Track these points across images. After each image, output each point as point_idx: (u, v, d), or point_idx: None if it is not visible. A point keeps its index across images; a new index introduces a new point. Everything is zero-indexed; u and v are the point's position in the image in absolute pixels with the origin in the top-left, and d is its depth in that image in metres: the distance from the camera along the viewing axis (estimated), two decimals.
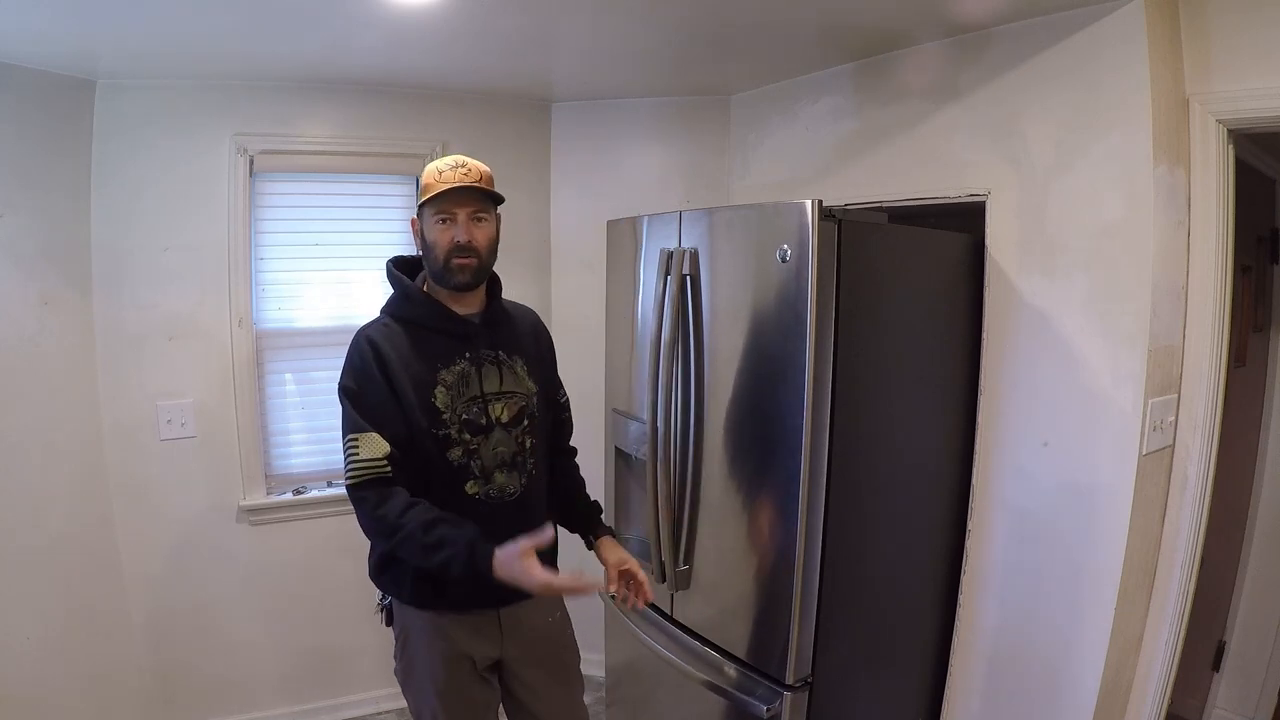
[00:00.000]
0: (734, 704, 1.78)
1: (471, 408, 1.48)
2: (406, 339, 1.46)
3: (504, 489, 1.50)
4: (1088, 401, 1.68)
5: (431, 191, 1.46)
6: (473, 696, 1.54)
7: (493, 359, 1.52)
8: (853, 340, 1.63)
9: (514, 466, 1.51)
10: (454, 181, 1.45)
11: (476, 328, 1.52)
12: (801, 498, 1.61)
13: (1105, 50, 1.62)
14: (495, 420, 1.50)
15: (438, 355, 1.47)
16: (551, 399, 1.69)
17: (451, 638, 1.51)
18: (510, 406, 1.52)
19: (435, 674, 1.51)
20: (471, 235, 1.46)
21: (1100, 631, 1.66)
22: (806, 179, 2.37)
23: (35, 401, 2.09)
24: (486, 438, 1.48)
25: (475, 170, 1.48)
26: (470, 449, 1.47)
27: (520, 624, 1.56)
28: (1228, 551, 2.41)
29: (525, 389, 1.56)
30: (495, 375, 1.52)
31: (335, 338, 2.56)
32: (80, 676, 2.18)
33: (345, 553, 2.57)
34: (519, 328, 1.62)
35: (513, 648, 1.57)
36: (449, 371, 1.47)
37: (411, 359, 1.45)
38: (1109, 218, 1.63)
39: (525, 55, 2.20)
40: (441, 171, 1.47)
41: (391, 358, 1.43)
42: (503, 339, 1.56)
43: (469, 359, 1.49)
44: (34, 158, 2.07)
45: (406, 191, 2.62)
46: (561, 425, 1.74)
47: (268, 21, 1.82)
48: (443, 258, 1.46)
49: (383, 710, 2.66)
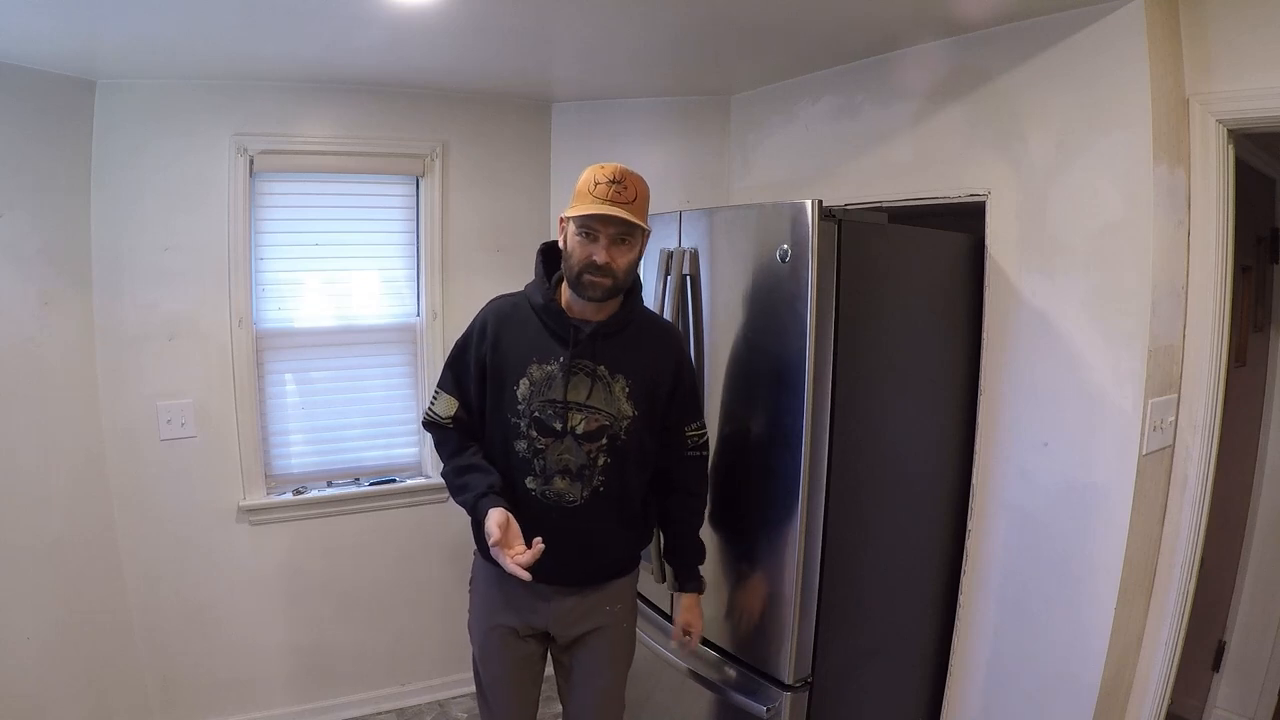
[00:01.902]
0: (734, 704, 1.78)
1: (547, 409, 1.49)
2: (524, 324, 1.52)
3: (562, 495, 1.50)
4: (1088, 401, 1.68)
5: (580, 205, 1.42)
6: (509, 657, 1.62)
7: (588, 370, 1.50)
8: (853, 340, 1.63)
9: (578, 477, 1.50)
10: (605, 199, 1.40)
11: (583, 336, 1.49)
12: (801, 497, 1.61)
13: (1105, 50, 1.62)
14: (569, 429, 1.49)
15: (536, 349, 1.50)
16: (674, 430, 1.62)
17: (500, 597, 1.58)
18: (590, 421, 1.50)
19: (482, 624, 1.63)
20: (611, 258, 1.43)
21: (1100, 631, 1.66)
22: (806, 179, 2.37)
23: (35, 401, 2.09)
24: (557, 442, 1.49)
25: (632, 189, 1.43)
26: (537, 447, 1.49)
27: (572, 606, 1.58)
28: (1228, 551, 2.41)
29: (615, 410, 1.51)
30: (585, 386, 1.50)
31: (335, 338, 2.57)
32: (80, 676, 2.18)
33: (345, 553, 2.58)
34: (641, 348, 1.55)
35: (560, 626, 1.59)
36: (539, 368, 1.49)
37: (517, 341, 1.51)
38: (1109, 217, 1.63)
39: (525, 55, 2.19)
40: (598, 184, 1.42)
41: (497, 334, 1.52)
42: (610, 353, 1.51)
43: (561, 363, 1.49)
44: (34, 158, 2.07)
45: (407, 191, 2.62)
46: (684, 462, 1.66)
47: (268, 21, 1.81)
48: (577, 270, 1.45)
49: (383, 710, 2.66)
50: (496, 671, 1.64)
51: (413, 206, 2.62)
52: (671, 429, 1.62)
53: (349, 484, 2.61)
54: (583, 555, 1.55)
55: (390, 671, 2.69)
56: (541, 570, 1.47)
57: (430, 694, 2.73)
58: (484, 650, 1.64)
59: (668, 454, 1.65)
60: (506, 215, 2.68)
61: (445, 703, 2.72)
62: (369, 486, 2.61)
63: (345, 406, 2.61)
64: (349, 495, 2.57)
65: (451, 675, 2.69)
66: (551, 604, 1.57)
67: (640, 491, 1.62)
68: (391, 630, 2.67)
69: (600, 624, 1.62)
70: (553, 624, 1.59)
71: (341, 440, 2.61)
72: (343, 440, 2.61)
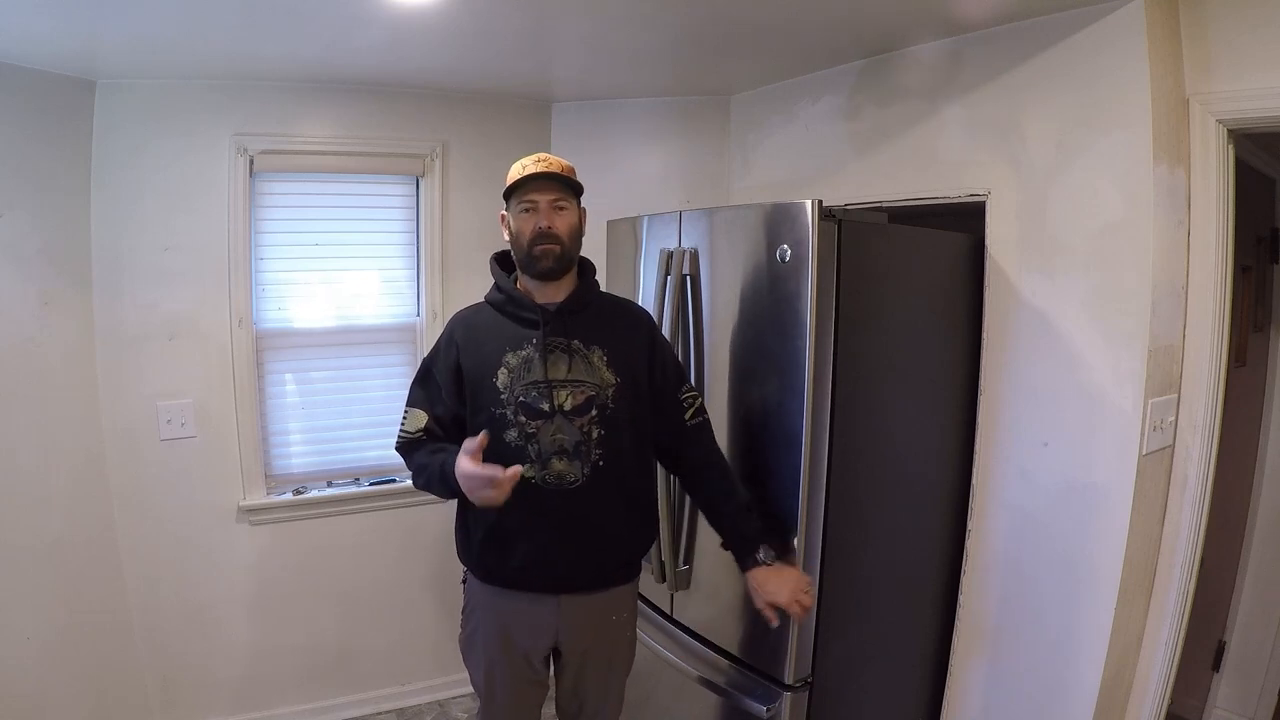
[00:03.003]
0: (733, 704, 1.78)
1: (531, 391, 1.50)
2: (487, 323, 1.57)
3: (562, 476, 1.50)
4: (1088, 401, 1.68)
5: (513, 180, 1.53)
6: (520, 686, 1.61)
7: (564, 346, 1.53)
8: (853, 340, 1.63)
9: (575, 455, 1.51)
10: (534, 170, 1.52)
11: (550, 315, 1.53)
12: (801, 497, 1.61)
13: (1105, 50, 1.62)
14: (558, 407, 1.50)
15: (507, 339, 1.54)
16: (668, 398, 1.62)
17: (509, 624, 1.56)
18: (576, 395, 1.51)
19: (490, 652, 1.60)
20: (552, 222, 1.52)
21: (1100, 631, 1.66)
22: (806, 179, 2.37)
23: (35, 401, 2.09)
24: (548, 423, 1.50)
25: (556, 163, 1.55)
26: (528, 432, 1.50)
27: (580, 618, 1.57)
28: (1228, 551, 2.41)
29: (599, 379, 1.53)
30: (563, 362, 1.52)
31: (335, 338, 2.57)
32: (80, 676, 2.18)
33: (345, 553, 2.58)
34: (609, 319, 1.61)
35: (569, 639, 1.58)
36: (514, 355, 1.52)
37: (485, 339, 1.55)
38: (1109, 217, 1.63)
39: (525, 55, 2.19)
40: (525, 166, 1.54)
41: (465, 339, 1.56)
42: (581, 327, 1.55)
43: (534, 345, 1.52)
44: (34, 158, 2.07)
45: (407, 191, 2.62)
46: (688, 434, 1.64)
47: (268, 21, 1.82)
48: (526, 245, 1.53)
49: (382, 710, 2.66)
50: (503, 700, 1.62)
51: (413, 206, 2.62)
52: (663, 398, 1.62)
53: (349, 484, 2.61)
54: (590, 544, 1.53)
55: (390, 671, 2.69)
56: (551, 575, 1.49)
57: (430, 694, 2.73)
58: (489, 682, 1.61)
59: (669, 429, 1.63)
60: None
61: (445, 703, 2.72)
62: (369, 486, 2.61)
63: (345, 406, 2.61)
64: (349, 495, 2.57)
65: (451, 675, 2.68)
66: (560, 615, 1.55)
67: (640, 469, 1.60)
68: (391, 630, 2.67)
69: (608, 636, 1.63)
70: (562, 638, 1.58)
71: (341, 440, 2.61)
72: (343, 440, 2.61)
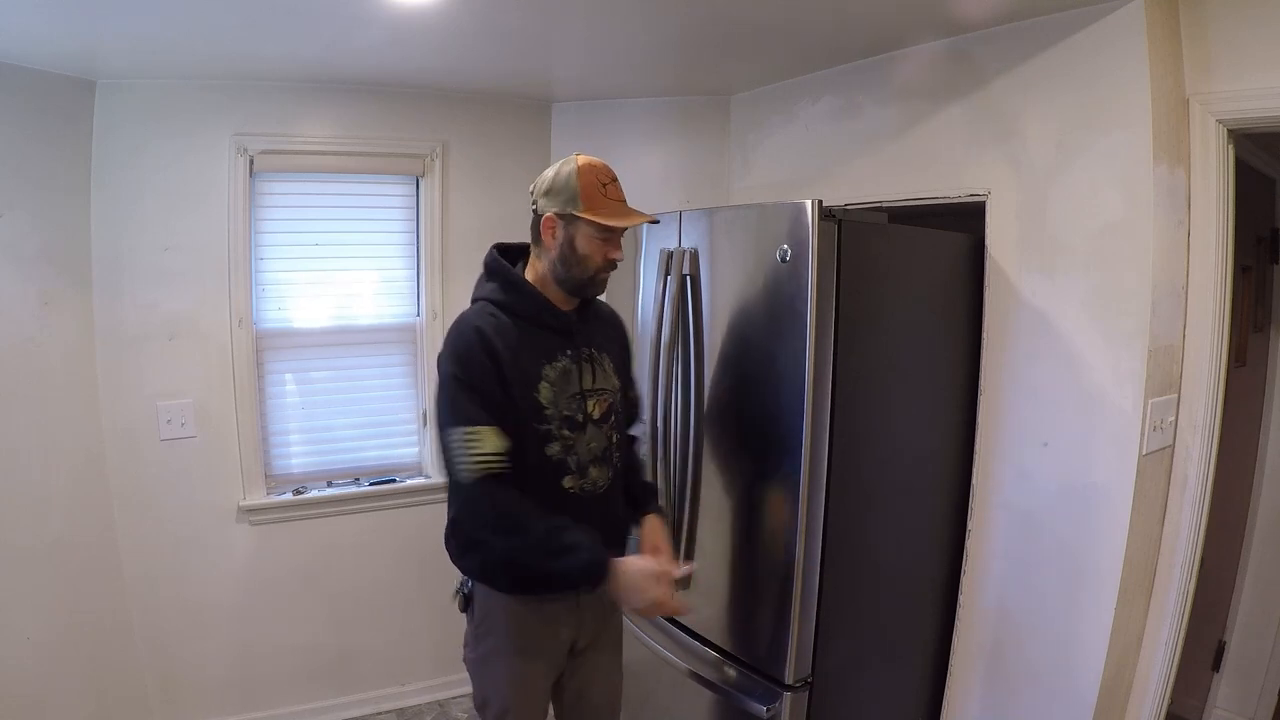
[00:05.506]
0: (733, 704, 1.78)
1: (571, 404, 1.49)
2: (515, 332, 1.44)
3: (596, 483, 1.52)
4: (1088, 401, 1.68)
5: (600, 210, 1.43)
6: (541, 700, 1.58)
7: (589, 356, 1.54)
8: (853, 340, 1.63)
9: (604, 461, 1.53)
10: (621, 200, 1.47)
11: (576, 324, 1.53)
12: (801, 497, 1.61)
13: (1105, 50, 1.62)
14: (589, 416, 1.51)
15: (543, 350, 1.47)
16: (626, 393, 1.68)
17: (533, 634, 1.51)
18: (601, 403, 1.53)
19: (512, 666, 1.51)
20: (623, 252, 1.51)
21: (1100, 631, 1.66)
22: (806, 179, 2.37)
23: (35, 401, 2.09)
24: (583, 434, 1.50)
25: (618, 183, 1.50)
26: (568, 444, 1.48)
27: (595, 609, 1.57)
28: (1228, 551, 2.41)
29: (612, 386, 1.57)
30: (590, 372, 1.53)
31: (335, 338, 2.57)
32: (80, 676, 2.18)
33: (345, 553, 2.58)
34: (606, 326, 1.64)
35: (586, 631, 1.58)
36: (552, 367, 1.47)
37: (520, 352, 1.43)
38: (1109, 217, 1.63)
39: (525, 55, 2.19)
40: (606, 185, 1.45)
41: (501, 350, 1.41)
42: (594, 336, 1.57)
43: (570, 355, 1.50)
44: (34, 158, 2.07)
45: (407, 191, 2.62)
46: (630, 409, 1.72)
47: (268, 21, 1.82)
48: (594, 270, 1.48)
49: (382, 710, 2.66)
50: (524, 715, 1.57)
51: (413, 206, 2.62)
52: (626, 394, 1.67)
53: (349, 484, 2.61)
54: (613, 541, 1.55)
55: (390, 671, 2.69)
56: None
57: (430, 694, 2.73)
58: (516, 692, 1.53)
59: None
60: (507, 215, 2.66)
61: (445, 703, 2.72)
62: (369, 486, 2.61)
63: (345, 406, 2.61)
64: (349, 495, 2.57)
65: (451, 675, 2.68)
66: (582, 608, 1.55)
67: None
68: (391, 630, 2.67)
69: (610, 620, 1.64)
70: (580, 632, 1.57)
71: (341, 440, 2.61)
72: (343, 440, 2.61)
